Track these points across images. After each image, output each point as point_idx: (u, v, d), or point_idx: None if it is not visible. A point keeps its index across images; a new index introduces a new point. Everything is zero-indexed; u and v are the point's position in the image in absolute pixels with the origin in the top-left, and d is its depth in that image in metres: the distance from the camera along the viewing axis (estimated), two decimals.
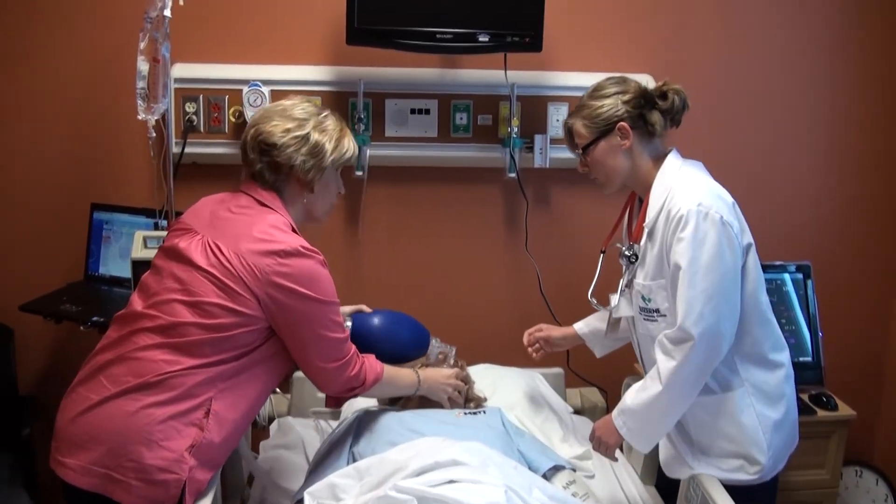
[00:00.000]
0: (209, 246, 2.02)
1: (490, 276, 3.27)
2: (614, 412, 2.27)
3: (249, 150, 2.14)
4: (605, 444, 2.31)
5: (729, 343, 2.15)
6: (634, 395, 2.22)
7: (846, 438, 2.99)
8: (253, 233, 2.02)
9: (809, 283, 3.12)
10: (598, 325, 2.60)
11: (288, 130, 2.11)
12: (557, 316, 3.15)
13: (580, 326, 2.67)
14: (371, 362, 2.26)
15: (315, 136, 2.13)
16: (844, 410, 2.97)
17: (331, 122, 2.19)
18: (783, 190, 3.34)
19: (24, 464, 2.88)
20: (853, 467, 3.27)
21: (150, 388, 1.92)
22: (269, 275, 1.99)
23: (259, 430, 2.94)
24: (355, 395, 2.26)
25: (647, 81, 3.07)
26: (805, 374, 3.06)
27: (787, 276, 3.13)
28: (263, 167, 2.13)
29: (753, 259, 2.23)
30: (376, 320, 2.50)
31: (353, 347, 2.19)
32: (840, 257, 3.39)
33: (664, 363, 2.15)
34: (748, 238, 2.23)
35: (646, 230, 2.26)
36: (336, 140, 2.17)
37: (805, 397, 3.02)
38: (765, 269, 3.05)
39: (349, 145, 2.21)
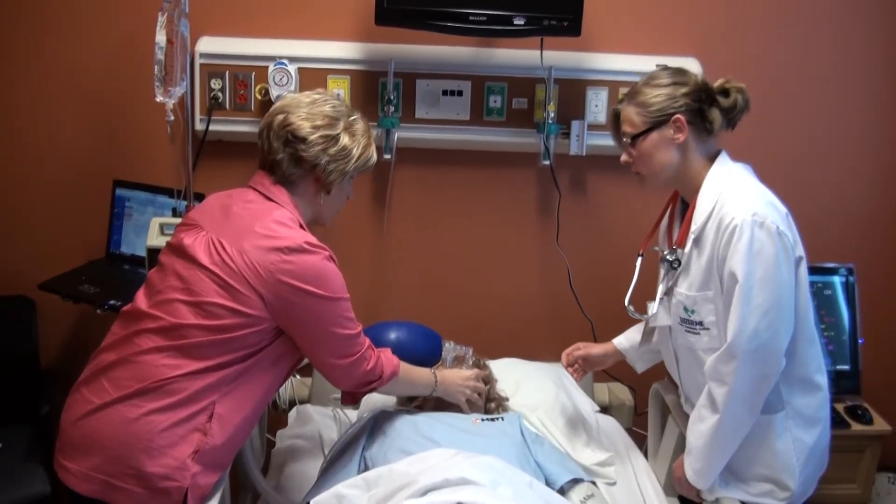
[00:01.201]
0: (213, 243, 1.96)
1: (519, 266, 3.18)
2: (688, 471, 2.20)
3: (273, 138, 2.06)
4: (692, 493, 2.26)
5: (783, 360, 2.04)
6: (692, 430, 2.16)
7: (880, 451, 2.89)
8: (256, 229, 1.96)
9: (855, 286, 2.99)
10: (637, 337, 2.49)
11: (318, 127, 2.04)
12: (588, 313, 3.07)
13: (620, 342, 2.55)
14: (388, 357, 2.21)
15: (345, 140, 2.07)
16: (880, 425, 2.88)
17: (360, 126, 2.12)
18: (828, 187, 3.18)
19: (43, 439, 2.88)
20: (886, 474, 3.16)
21: (152, 393, 1.89)
22: (274, 273, 1.93)
23: (279, 414, 2.92)
24: (372, 390, 2.20)
25: (694, 65, 2.95)
26: (842, 383, 2.97)
27: (836, 280, 3.02)
28: (285, 157, 2.05)
29: (804, 273, 2.11)
30: (385, 335, 2.42)
31: (368, 341, 2.13)
32: (883, 261, 3.23)
33: (718, 390, 2.07)
34: (800, 251, 2.10)
35: (692, 237, 2.14)
36: (363, 147, 2.11)
37: (840, 408, 2.93)
38: (813, 271, 2.96)
39: (373, 153, 2.15)
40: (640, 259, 2.40)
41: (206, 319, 1.92)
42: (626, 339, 2.54)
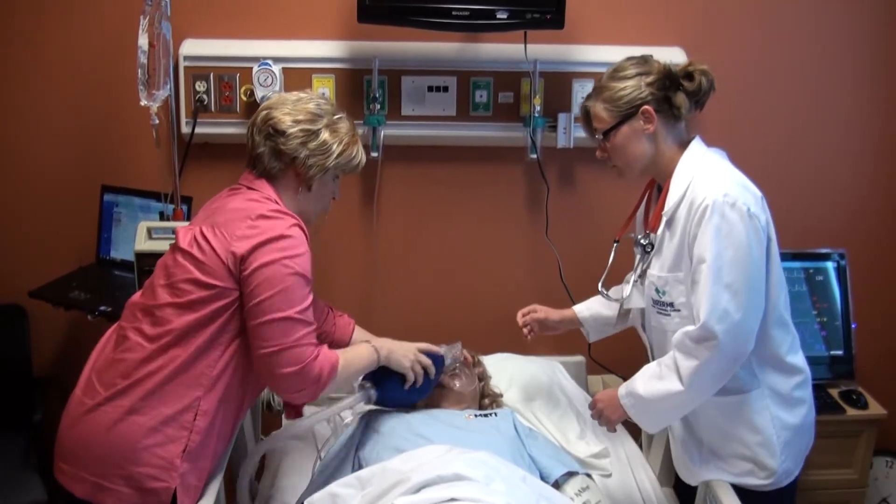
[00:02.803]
0: (194, 232, 2.01)
1: (509, 260, 3.17)
2: (622, 391, 2.16)
3: (255, 133, 2.11)
4: (607, 419, 2.22)
5: (753, 341, 2.04)
6: (647, 382, 2.11)
7: (876, 435, 2.89)
8: (228, 207, 2.03)
9: (847, 271, 3.00)
10: (601, 310, 2.51)
11: (298, 122, 2.07)
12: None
13: (581, 310, 2.57)
14: (325, 353, 2.03)
15: (325, 135, 2.09)
16: (875, 409, 2.89)
17: (344, 125, 2.14)
18: (817, 173, 3.17)
19: (39, 447, 2.88)
20: (883, 458, 3.16)
21: (138, 395, 1.91)
22: (241, 238, 1.95)
23: (273, 416, 2.91)
24: (314, 396, 2.02)
25: (679, 55, 2.95)
26: (836, 368, 2.97)
27: (829, 265, 3.02)
28: (266, 151, 2.09)
29: (775, 255, 2.10)
30: None
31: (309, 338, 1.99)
32: (874, 245, 3.22)
33: (685, 362, 2.03)
34: (771, 233, 2.10)
35: (664, 219, 2.14)
36: (345, 145, 2.12)
37: (835, 394, 2.93)
38: (805, 256, 2.96)
39: (356, 153, 2.16)
40: (615, 245, 2.41)
41: (177, 297, 1.95)
42: (587, 309, 2.56)
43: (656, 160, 2.18)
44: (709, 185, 2.04)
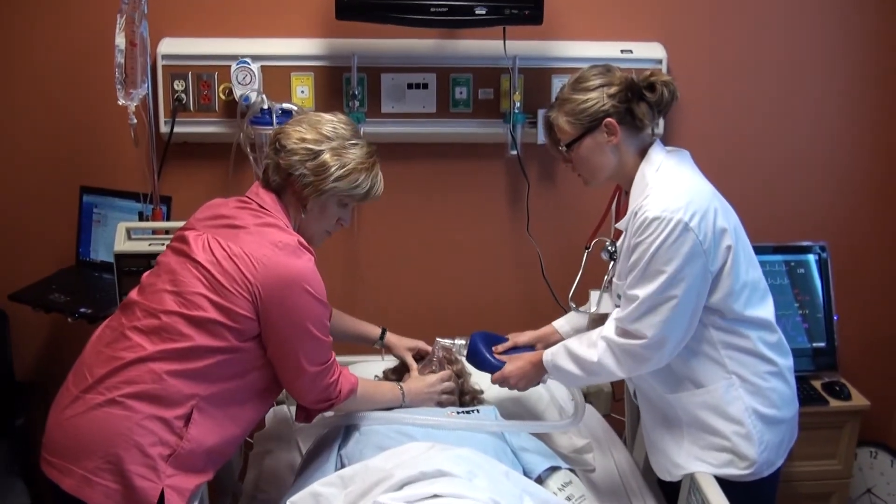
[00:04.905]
0: (208, 241, 1.99)
1: (491, 257, 3.18)
2: (551, 356, 2.24)
3: (270, 145, 2.14)
4: (523, 387, 2.37)
5: (670, 351, 2.09)
6: (578, 344, 2.20)
7: (859, 426, 2.91)
8: (250, 227, 2.01)
9: (828, 264, 3.02)
10: (580, 321, 2.51)
11: (304, 139, 2.06)
12: (561, 301, 3.05)
13: (561, 325, 2.56)
14: (346, 375, 2.19)
15: (325, 157, 2.06)
16: (858, 400, 2.90)
17: (354, 152, 2.09)
18: (797, 166, 3.19)
19: (21, 452, 2.85)
20: (868, 448, 3.19)
21: (132, 392, 1.89)
22: (269, 266, 1.94)
23: None
24: (329, 408, 2.18)
25: (658, 51, 2.96)
26: (818, 360, 2.98)
27: (810, 258, 3.03)
28: (271, 164, 2.10)
29: (731, 263, 2.10)
30: None
31: (334, 355, 2.13)
32: (854, 237, 3.24)
33: (607, 338, 2.13)
34: (728, 241, 2.09)
35: (623, 231, 2.17)
36: (347, 170, 2.07)
37: (818, 385, 2.95)
38: (787, 250, 2.97)
39: (362, 181, 2.10)
40: (586, 253, 2.41)
41: (186, 308, 1.93)
42: (567, 323, 2.56)
43: (620, 169, 2.20)
44: (653, 199, 2.07)
